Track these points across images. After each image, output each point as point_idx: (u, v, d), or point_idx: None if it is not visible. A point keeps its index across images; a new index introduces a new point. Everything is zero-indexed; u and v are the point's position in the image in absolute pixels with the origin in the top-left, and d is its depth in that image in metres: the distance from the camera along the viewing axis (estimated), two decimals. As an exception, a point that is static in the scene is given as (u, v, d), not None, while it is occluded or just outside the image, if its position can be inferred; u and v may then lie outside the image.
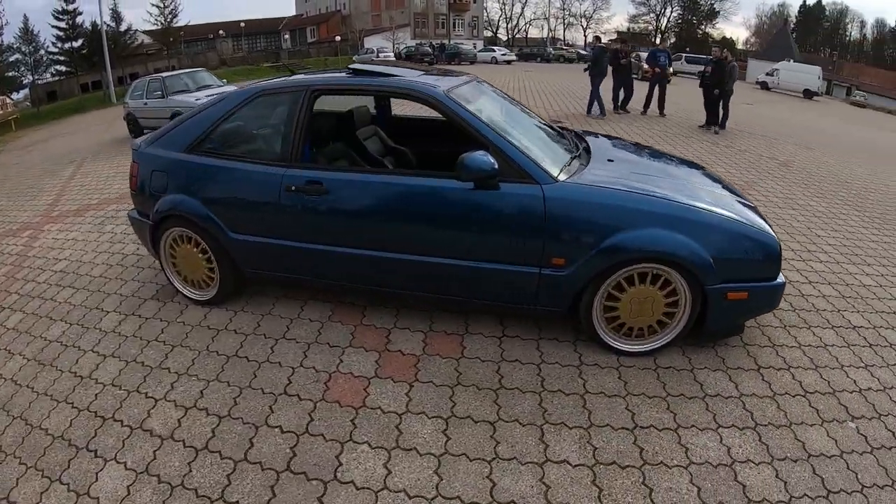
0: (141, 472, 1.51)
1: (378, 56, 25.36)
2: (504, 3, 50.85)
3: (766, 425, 1.65)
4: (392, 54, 27.00)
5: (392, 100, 2.93)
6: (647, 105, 8.03)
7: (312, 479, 1.45)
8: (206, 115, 2.25)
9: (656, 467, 1.47)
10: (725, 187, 2.29)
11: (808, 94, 20.04)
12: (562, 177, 1.84)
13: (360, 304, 2.33)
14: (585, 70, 8.29)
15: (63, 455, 1.61)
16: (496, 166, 1.71)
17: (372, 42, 32.16)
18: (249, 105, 2.19)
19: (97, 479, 1.51)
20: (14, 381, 2.03)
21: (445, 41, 32.53)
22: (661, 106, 7.93)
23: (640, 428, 1.62)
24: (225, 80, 9.82)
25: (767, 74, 22.27)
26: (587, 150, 2.26)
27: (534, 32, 52.43)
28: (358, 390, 1.78)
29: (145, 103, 8.20)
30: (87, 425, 1.73)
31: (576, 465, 1.47)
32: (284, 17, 48.37)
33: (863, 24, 48.96)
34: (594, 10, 51.18)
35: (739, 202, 2.08)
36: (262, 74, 25.06)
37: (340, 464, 1.49)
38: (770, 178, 4.83)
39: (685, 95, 10.83)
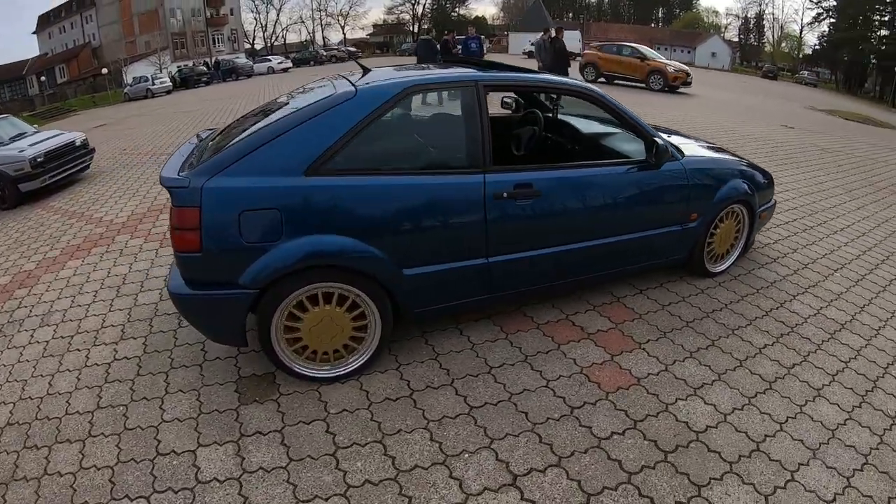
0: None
1: (154, 84, 22.10)
2: (258, 13, 54.56)
3: (834, 299, 2.89)
4: (167, 79, 25.25)
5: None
6: None
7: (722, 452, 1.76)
8: (326, 122, 1.84)
9: (788, 335, 2.50)
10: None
11: (572, 56, 26.75)
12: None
13: (512, 311, 2.56)
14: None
15: None
16: None
17: (136, 70, 30.08)
18: (400, 105, 1.96)
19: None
20: None
21: (214, 59, 33.20)
22: None
23: (760, 317, 2.63)
24: (36, 126, 7.80)
25: (532, 44, 28.32)
26: None
27: (291, 38, 56.72)
28: (617, 372, 2.16)
29: None
30: None
31: (773, 360, 2.37)
32: (28, 60, 43.73)
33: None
34: (350, 7, 57.78)
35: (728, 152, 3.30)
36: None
37: (702, 431, 1.85)
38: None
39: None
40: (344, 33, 54.97)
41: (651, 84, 13.20)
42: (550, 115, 3.12)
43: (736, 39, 59.31)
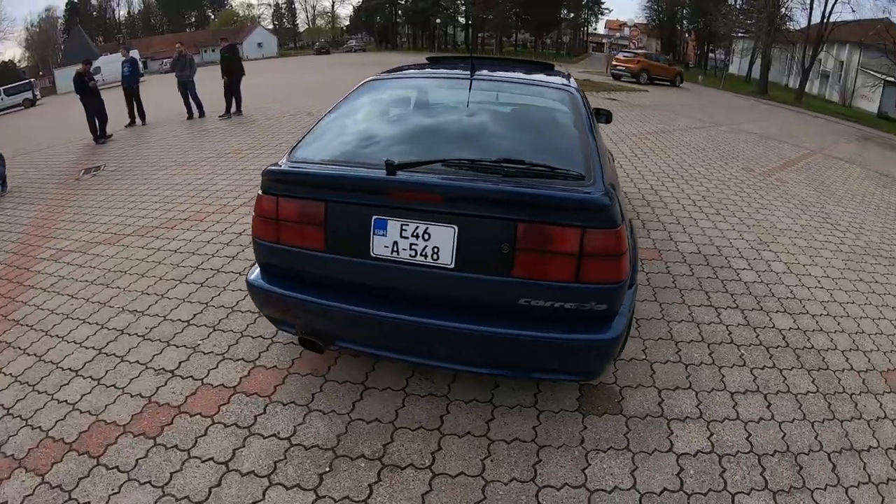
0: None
1: None
2: None
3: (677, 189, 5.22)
4: None
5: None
6: (140, 115, 9.81)
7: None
8: (583, 121, 2.15)
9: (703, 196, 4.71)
10: None
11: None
12: None
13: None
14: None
15: None
16: None
17: None
18: None
19: None
20: None
21: None
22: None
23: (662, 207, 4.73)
24: None
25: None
26: None
27: None
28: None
29: None
30: None
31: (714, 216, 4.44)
32: None
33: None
34: None
35: None
36: None
37: (738, 266, 3.55)
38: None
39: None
40: None
41: (676, 82, 21.46)
42: None
43: (271, 27, 65.38)
